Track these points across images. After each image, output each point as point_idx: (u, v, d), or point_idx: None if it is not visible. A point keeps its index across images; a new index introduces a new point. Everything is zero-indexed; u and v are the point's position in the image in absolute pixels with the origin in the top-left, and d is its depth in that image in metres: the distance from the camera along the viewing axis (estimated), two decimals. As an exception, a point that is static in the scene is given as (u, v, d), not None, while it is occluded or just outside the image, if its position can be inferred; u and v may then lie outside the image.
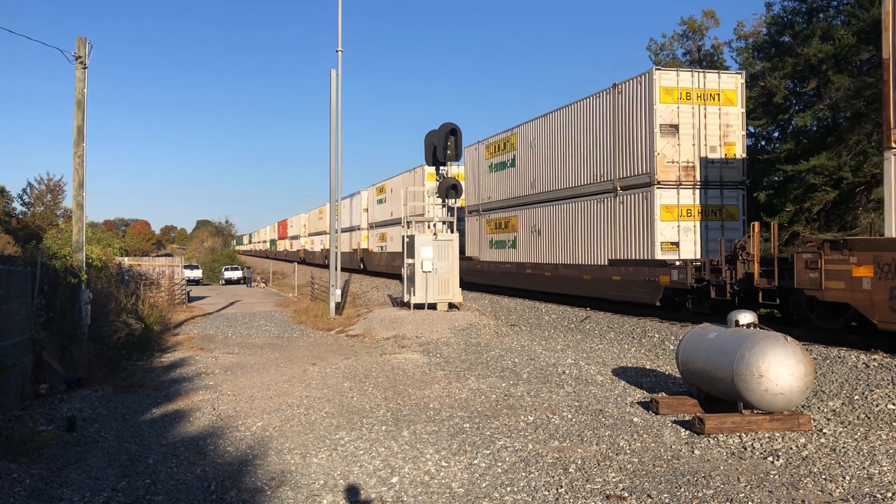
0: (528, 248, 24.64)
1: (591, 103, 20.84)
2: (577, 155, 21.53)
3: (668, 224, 17.99)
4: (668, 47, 45.43)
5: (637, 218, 18.59)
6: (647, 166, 18.06)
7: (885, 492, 6.74)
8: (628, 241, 18.94)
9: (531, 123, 24.69)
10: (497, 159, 27.66)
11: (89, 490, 7.43)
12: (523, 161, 25.18)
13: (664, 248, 17.86)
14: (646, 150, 18.12)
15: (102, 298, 18.95)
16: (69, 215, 36.23)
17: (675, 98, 18.11)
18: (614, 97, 19.63)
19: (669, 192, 18.01)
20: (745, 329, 9.54)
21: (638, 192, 18.53)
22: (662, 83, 18.00)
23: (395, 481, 7.53)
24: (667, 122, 17.90)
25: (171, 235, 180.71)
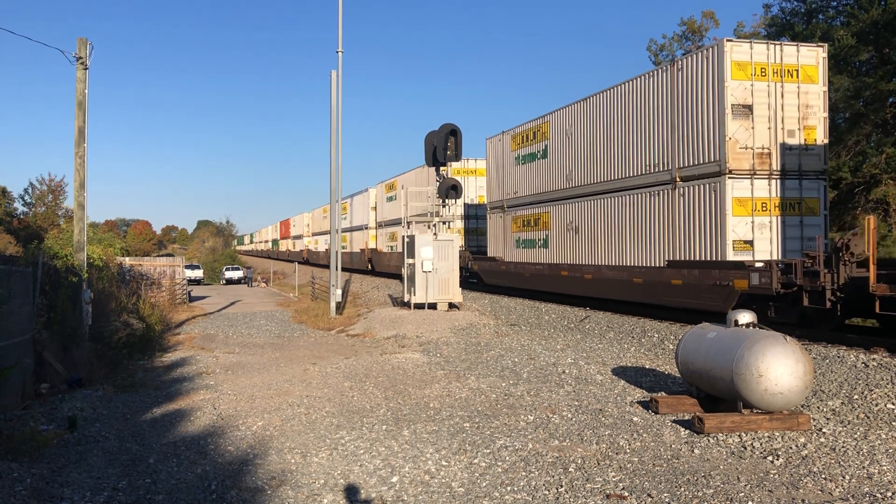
0: (562, 247, 22.32)
1: (644, 84, 18.35)
2: (626, 143, 19.02)
3: (740, 220, 15.69)
4: (667, 48, 45.47)
5: (702, 213, 16.25)
6: (716, 153, 15.78)
7: (885, 491, 6.75)
8: (691, 240, 16.60)
9: (566, 110, 22.28)
10: (525, 150, 25.07)
11: (90, 489, 7.44)
12: (557, 151, 22.76)
13: (736, 248, 15.59)
14: (714, 134, 15.87)
15: (103, 298, 18.97)
16: (70, 215, 36.26)
17: (749, 74, 15.76)
18: (673, 75, 17.21)
19: (742, 182, 15.70)
20: (744, 329, 9.55)
21: (704, 183, 16.20)
22: (734, 57, 15.65)
23: (395, 481, 7.54)
24: (739, 101, 15.64)
25: (172, 235, 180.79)
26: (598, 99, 20.56)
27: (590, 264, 20.74)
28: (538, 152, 24.17)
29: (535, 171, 24.29)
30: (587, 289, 20.85)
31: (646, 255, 18.23)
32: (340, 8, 28.20)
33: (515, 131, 26.15)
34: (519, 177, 25.56)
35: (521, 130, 25.63)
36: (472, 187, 33.56)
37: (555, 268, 22.70)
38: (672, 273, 16.97)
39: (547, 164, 23.45)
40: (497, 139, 27.84)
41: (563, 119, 22.60)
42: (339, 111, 27.43)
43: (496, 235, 27.59)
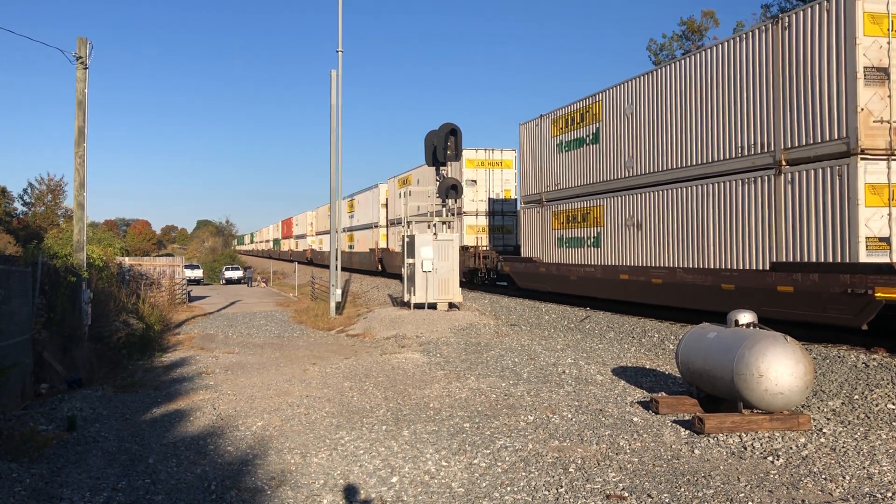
0: (619, 246, 19.26)
1: (735, 49, 15.27)
2: (708, 121, 15.96)
3: (874, 211, 12.57)
4: (667, 47, 45.46)
5: (821, 203, 13.19)
6: (842, 128, 12.75)
7: (885, 491, 6.74)
8: (803, 237, 13.55)
9: (625, 86, 19.14)
10: (570, 136, 21.90)
11: (89, 489, 7.43)
12: (613, 135, 19.63)
13: (870, 247, 12.60)
14: (839, 105, 12.84)
15: (103, 298, 18.96)
16: (70, 215, 36.24)
17: (885, 29, 12.66)
18: (777, 35, 14.20)
19: (877, 164, 12.61)
20: (744, 329, 9.54)
21: (822, 167, 13.15)
22: (867, 7, 12.68)
23: (395, 481, 7.53)
24: (873, 63, 12.59)
25: (172, 235, 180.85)
26: (670, 71, 17.32)
27: (659, 267, 17.38)
28: (587, 137, 21.00)
29: (583, 158, 21.21)
30: (656, 295, 17.45)
31: (739, 256, 15.12)
32: (340, 8, 28.21)
33: (557, 114, 22.86)
34: (561, 166, 22.48)
35: (565, 113, 22.36)
36: (497, 180, 31.64)
37: (611, 270, 19.48)
38: (779, 278, 13.75)
39: (598, 150, 20.34)
40: (533, 124, 24.52)
41: (620, 97, 19.36)
42: (339, 111, 27.44)
43: (532, 233, 24.38)
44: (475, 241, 31.29)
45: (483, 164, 31.35)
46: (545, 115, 23.84)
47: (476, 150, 31.47)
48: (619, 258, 19.39)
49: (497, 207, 31.45)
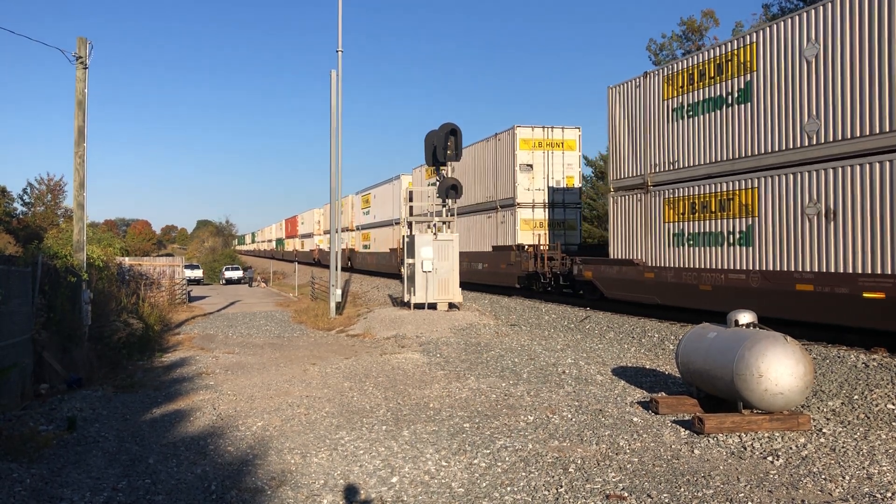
0: (791, 244, 14.11)
1: None
2: None
3: None
4: (667, 47, 45.48)
5: None
6: None
7: (885, 492, 6.74)
8: None
9: (803, 18, 13.96)
10: (697, 96, 16.78)
11: (90, 490, 7.43)
12: (777, 89, 14.55)
13: None
14: None
15: (103, 298, 18.96)
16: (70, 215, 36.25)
17: None
18: None
19: None
20: (744, 329, 9.55)
21: None
22: None
23: (395, 481, 7.53)
24: None
25: (172, 235, 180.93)
26: None
27: (879, 274, 12.20)
28: (728, 95, 15.83)
29: (721, 125, 15.98)
30: (870, 315, 12.33)
31: None
32: (340, 7, 28.20)
33: (673, 69, 17.71)
34: (681, 137, 17.35)
35: (689, 66, 17.17)
36: (558, 165, 26.75)
37: (777, 278, 14.32)
38: None
39: (749, 111, 15.23)
40: (632, 86, 19.37)
41: (793, 35, 14.25)
42: (339, 110, 27.43)
43: (629, 228, 19.40)
44: (532, 238, 26.30)
45: (540, 146, 26.24)
46: (653, 73, 18.64)
47: (532, 129, 26.50)
48: (790, 260, 14.10)
49: (558, 198, 26.65)
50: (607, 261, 20.50)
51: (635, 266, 18.84)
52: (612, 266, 20.03)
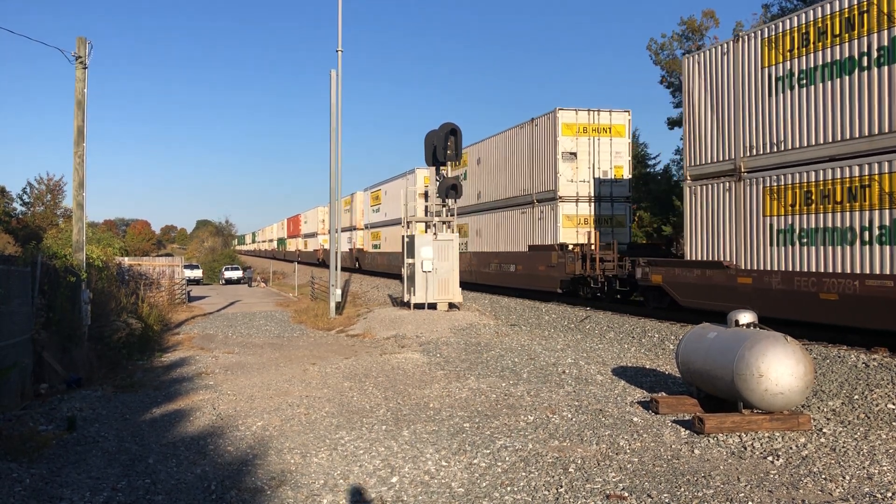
0: None
1: None
2: None
3: None
4: (668, 47, 45.47)
5: None
6: None
7: (885, 491, 6.74)
8: None
9: None
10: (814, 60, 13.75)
11: (89, 490, 7.43)
12: None
13: None
14: None
15: (103, 298, 18.96)
16: (69, 215, 36.25)
17: None
18: None
19: None
20: (744, 329, 9.54)
21: None
22: None
23: (395, 481, 7.53)
24: None
25: (172, 235, 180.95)
26: None
27: None
28: (862, 57, 12.84)
29: (854, 93, 12.96)
30: None
31: None
32: (340, 7, 28.19)
33: (780, 28, 14.64)
34: (790, 112, 14.30)
35: (803, 24, 14.04)
36: (605, 153, 23.76)
37: None
38: None
39: None
40: (719, 53, 16.32)
41: None
42: (338, 110, 27.42)
43: (714, 224, 16.28)
44: (575, 236, 23.37)
45: (585, 131, 23.36)
46: (747, 35, 15.60)
47: (576, 112, 23.61)
48: None
49: (604, 191, 23.63)
50: (684, 263, 17.32)
51: (724, 269, 15.65)
52: (691, 269, 16.76)
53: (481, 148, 29.76)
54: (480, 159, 29.59)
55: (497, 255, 27.66)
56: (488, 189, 29.11)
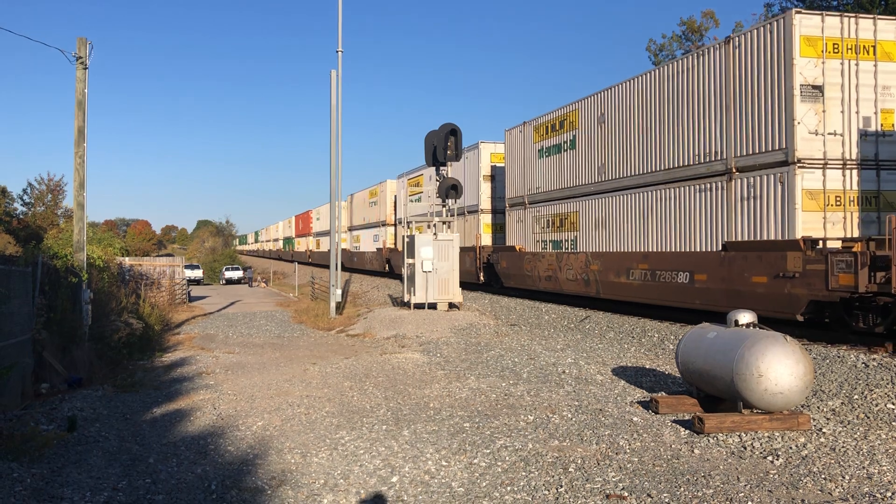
0: None
1: None
2: None
3: None
4: (667, 48, 45.50)
5: None
6: None
7: (885, 491, 6.75)
8: None
9: None
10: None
11: (90, 489, 7.44)
12: None
13: None
14: None
15: (103, 298, 18.97)
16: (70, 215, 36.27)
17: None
18: None
19: None
20: (744, 329, 9.55)
21: None
22: None
23: (395, 481, 7.54)
24: None
25: (172, 235, 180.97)
26: None
27: None
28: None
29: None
30: None
31: None
32: (340, 7, 28.18)
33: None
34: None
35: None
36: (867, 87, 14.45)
37: None
38: None
39: None
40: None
41: None
42: (339, 111, 27.43)
43: None
44: (823, 225, 14.30)
45: (835, 50, 14.41)
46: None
47: (821, 17, 14.56)
48: None
49: (867, 151, 14.57)
50: None
51: None
52: None
53: (606, 99, 20.31)
54: (605, 115, 20.35)
55: (646, 256, 18.10)
56: (621, 158, 19.53)
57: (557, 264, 22.33)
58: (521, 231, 25.47)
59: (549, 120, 23.59)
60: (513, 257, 25.63)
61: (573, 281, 21.31)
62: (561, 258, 22.20)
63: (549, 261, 22.93)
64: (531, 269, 24.10)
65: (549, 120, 23.59)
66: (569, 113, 22.26)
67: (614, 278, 19.31)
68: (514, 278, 25.55)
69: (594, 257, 20.39)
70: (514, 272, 25.56)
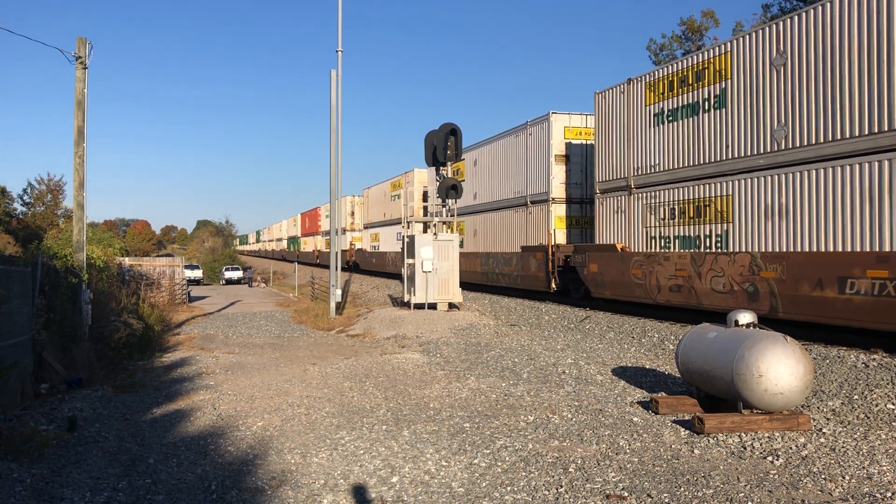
0: None
1: None
2: None
3: None
4: (667, 47, 45.51)
5: None
6: None
7: (885, 491, 6.75)
8: None
9: None
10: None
11: (90, 490, 7.44)
12: None
13: None
14: None
15: (103, 298, 18.97)
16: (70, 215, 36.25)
17: None
18: None
19: None
20: (744, 329, 9.55)
21: None
22: None
23: (395, 481, 7.54)
24: None
25: (172, 235, 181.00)
26: None
27: None
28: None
29: None
30: None
31: None
32: (340, 7, 28.18)
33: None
34: None
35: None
36: None
37: None
38: None
39: None
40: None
41: None
42: (338, 110, 27.43)
43: None
44: None
45: None
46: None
47: None
48: None
49: None
50: None
51: None
52: None
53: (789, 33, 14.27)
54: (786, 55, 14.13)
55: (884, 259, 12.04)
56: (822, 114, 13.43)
57: (693, 269, 16.29)
58: (623, 224, 19.18)
59: (673, 73, 17.41)
60: (610, 260, 19.26)
61: (724, 293, 15.27)
62: (700, 261, 16.07)
63: (678, 264, 16.68)
64: (643, 275, 17.86)
65: (673, 73, 17.41)
66: (711, 60, 16.20)
67: (811, 291, 13.18)
68: (612, 287, 19.23)
69: (768, 259, 14.24)
70: (611, 279, 19.25)
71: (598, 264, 19.85)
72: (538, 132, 24.01)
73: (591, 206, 21.73)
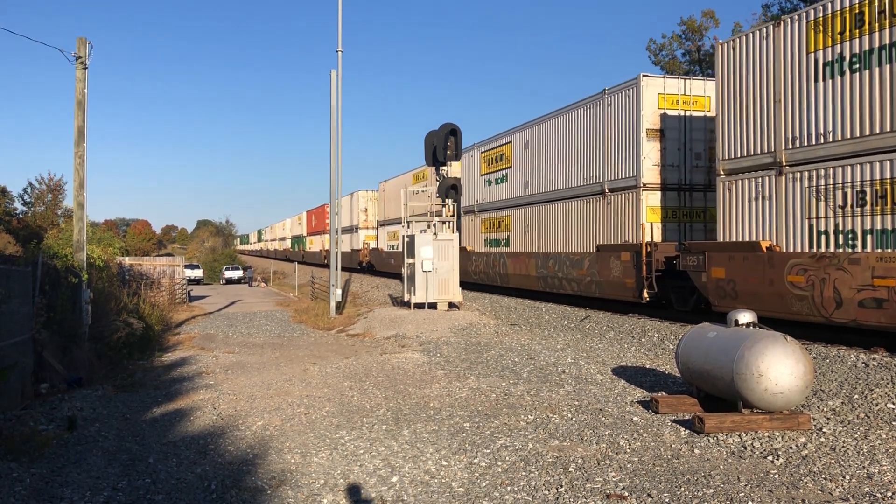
0: None
1: None
2: None
3: None
4: (667, 48, 45.51)
5: None
6: None
7: (885, 491, 6.74)
8: None
9: None
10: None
11: (90, 489, 7.43)
12: None
13: None
14: None
15: (103, 298, 18.96)
16: (70, 215, 36.22)
17: None
18: None
19: None
20: (744, 328, 9.54)
21: None
22: None
23: (395, 480, 7.53)
24: None
25: (172, 235, 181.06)
26: None
27: None
28: None
29: None
30: None
31: None
32: (340, 7, 28.17)
33: None
34: None
35: None
36: None
37: None
38: None
39: None
40: None
41: None
42: (338, 110, 27.42)
43: None
44: None
45: None
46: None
47: None
48: None
49: None
50: None
51: None
52: None
53: None
54: None
55: None
56: None
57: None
58: (768, 215, 14.34)
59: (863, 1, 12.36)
60: (748, 263, 14.49)
61: None
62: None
63: (878, 269, 11.85)
64: (808, 284, 13.07)
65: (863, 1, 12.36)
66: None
67: None
68: (750, 299, 14.19)
69: None
70: (749, 289, 14.42)
71: (725, 268, 15.03)
72: (622, 101, 19.13)
73: (691, 194, 18.35)
